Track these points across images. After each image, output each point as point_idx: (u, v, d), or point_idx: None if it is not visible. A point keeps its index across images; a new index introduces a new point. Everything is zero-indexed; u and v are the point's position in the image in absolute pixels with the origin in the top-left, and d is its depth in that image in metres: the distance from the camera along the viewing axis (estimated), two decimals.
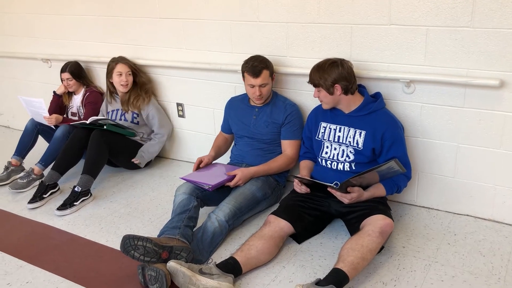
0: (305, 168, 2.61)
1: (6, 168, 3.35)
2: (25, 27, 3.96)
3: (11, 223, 2.81)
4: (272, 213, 2.37)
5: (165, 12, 3.17)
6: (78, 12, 3.58)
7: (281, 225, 2.30)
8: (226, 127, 2.97)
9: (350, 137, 2.39)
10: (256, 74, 2.58)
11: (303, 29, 2.69)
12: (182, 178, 2.59)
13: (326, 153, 2.47)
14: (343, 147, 2.41)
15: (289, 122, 2.70)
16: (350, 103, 2.39)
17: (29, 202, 2.94)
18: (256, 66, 2.59)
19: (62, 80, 3.49)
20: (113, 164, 3.36)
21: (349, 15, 2.53)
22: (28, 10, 3.86)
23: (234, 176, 2.56)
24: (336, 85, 2.31)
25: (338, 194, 2.25)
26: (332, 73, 2.30)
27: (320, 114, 2.54)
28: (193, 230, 2.37)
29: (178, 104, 3.41)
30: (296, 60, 2.79)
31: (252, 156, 2.78)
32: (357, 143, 2.37)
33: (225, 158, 2.99)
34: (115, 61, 3.25)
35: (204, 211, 2.55)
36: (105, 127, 3.10)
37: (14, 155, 3.39)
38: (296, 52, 2.77)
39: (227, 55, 3.02)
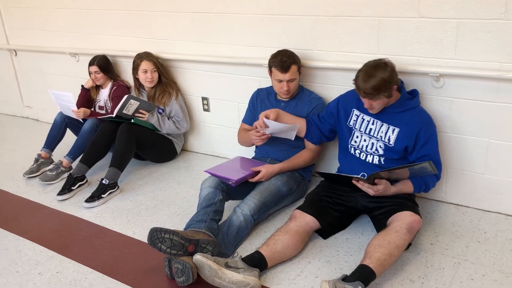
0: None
1: (36, 160, 3.43)
2: (54, 21, 4.02)
3: (41, 214, 2.88)
4: (298, 208, 2.36)
5: (191, 6, 3.18)
6: (106, 6, 3.62)
7: (307, 220, 2.29)
8: (249, 119, 2.94)
9: (382, 132, 2.35)
10: (284, 69, 2.56)
11: (330, 22, 2.66)
12: (206, 171, 2.60)
13: (355, 142, 2.44)
14: (373, 140, 2.38)
15: (313, 115, 2.67)
16: (391, 99, 2.31)
17: (58, 194, 3.01)
18: (285, 61, 2.56)
19: (90, 73, 3.55)
20: (139, 157, 3.40)
21: (377, 8, 2.48)
22: (57, 5, 3.93)
23: (258, 171, 2.56)
24: (394, 87, 2.23)
25: (365, 186, 2.21)
26: (392, 79, 2.18)
27: (355, 100, 2.45)
28: (219, 223, 2.38)
29: (203, 98, 3.42)
30: (322, 54, 2.75)
31: (277, 151, 2.77)
32: (388, 139, 2.33)
33: (249, 153, 2.98)
34: (140, 58, 3.27)
35: (228, 205, 2.56)
36: (132, 120, 3.14)
37: (43, 147, 3.47)
38: (322, 45, 2.74)
39: (252, 49, 3.01)
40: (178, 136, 3.47)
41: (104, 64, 3.52)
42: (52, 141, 3.48)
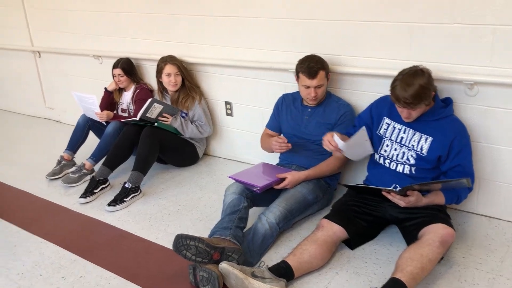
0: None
1: (59, 162, 3.43)
2: (78, 24, 4.03)
3: (63, 216, 2.87)
4: (325, 217, 2.31)
5: (216, 10, 3.15)
6: (130, 9, 3.61)
7: (334, 230, 2.23)
8: (273, 125, 2.91)
9: (414, 141, 2.27)
10: (312, 75, 2.51)
11: (359, 27, 2.60)
12: (230, 177, 2.56)
13: (385, 151, 2.37)
14: (404, 149, 2.31)
15: (342, 123, 2.62)
16: (425, 107, 2.24)
17: (81, 197, 3.00)
18: (312, 67, 2.51)
19: (113, 76, 3.54)
20: (161, 160, 3.37)
21: (409, 13, 2.42)
22: (81, 8, 3.94)
23: (283, 178, 2.51)
24: (432, 93, 2.18)
25: (397, 197, 2.14)
26: (430, 85, 2.12)
27: (386, 108, 2.38)
28: (243, 231, 2.34)
29: (227, 103, 3.38)
30: (351, 59, 2.70)
31: (302, 158, 2.71)
32: (421, 148, 2.25)
33: (273, 159, 2.94)
34: (164, 61, 3.26)
35: (252, 211, 2.50)
36: (155, 124, 3.12)
37: (66, 149, 3.47)
38: (350, 51, 2.68)
39: (278, 53, 2.97)
40: (201, 140, 3.45)
41: (127, 67, 3.51)
42: (75, 143, 3.48)
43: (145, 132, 3.06)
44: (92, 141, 3.48)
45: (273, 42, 2.97)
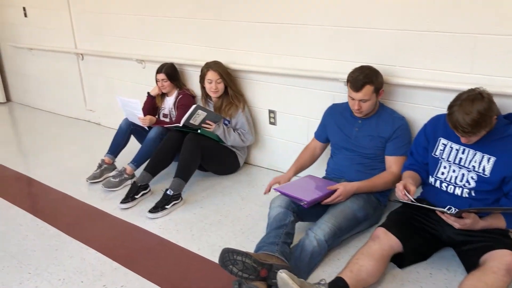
0: (410, 177, 2.26)
1: (100, 166, 3.41)
2: (122, 27, 4.04)
3: (104, 222, 2.84)
4: (382, 226, 2.18)
5: (263, 17, 3.08)
6: (174, 14, 3.58)
7: (391, 243, 2.11)
8: (321, 134, 2.82)
9: (475, 162, 2.12)
10: (356, 88, 2.40)
11: (416, 37, 2.48)
12: (276, 189, 2.46)
13: (443, 173, 2.23)
14: (463, 171, 2.16)
15: (397, 137, 2.49)
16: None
17: (122, 202, 2.96)
18: (359, 80, 2.39)
19: (157, 81, 3.51)
20: (201, 167, 3.31)
21: (473, 24, 2.28)
22: (125, 12, 3.94)
23: (333, 191, 2.40)
24: (494, 117, 2.03)
25: (451, 219, 2.01)
26: (491, 111, 1.96)
27: (441, 128, 2.25)
28: (290, 247, 2.24)
29: (270, 111, 3.30)
30: (406, 71, 2.57)
31: (352, 172, 2.59)
32: (483, 169, 2.10)
33: (319, 171, 2.83)
34: (207, 67, 3.21)
35: (297, 225, 2.40)
36: (199, 131, 3.07)
37: (107, 153, 3.45)
38: (406, 62, 2.56)
39: (328, 62, 2.87)
40: (242, 148, 3.37)
41: (171, 72, 3.48)
42: (116, 147, 3.46)
43: (188, 139, 3.01)
44: (133, 146, 3.46)
45: (323, 51, 2.87)
